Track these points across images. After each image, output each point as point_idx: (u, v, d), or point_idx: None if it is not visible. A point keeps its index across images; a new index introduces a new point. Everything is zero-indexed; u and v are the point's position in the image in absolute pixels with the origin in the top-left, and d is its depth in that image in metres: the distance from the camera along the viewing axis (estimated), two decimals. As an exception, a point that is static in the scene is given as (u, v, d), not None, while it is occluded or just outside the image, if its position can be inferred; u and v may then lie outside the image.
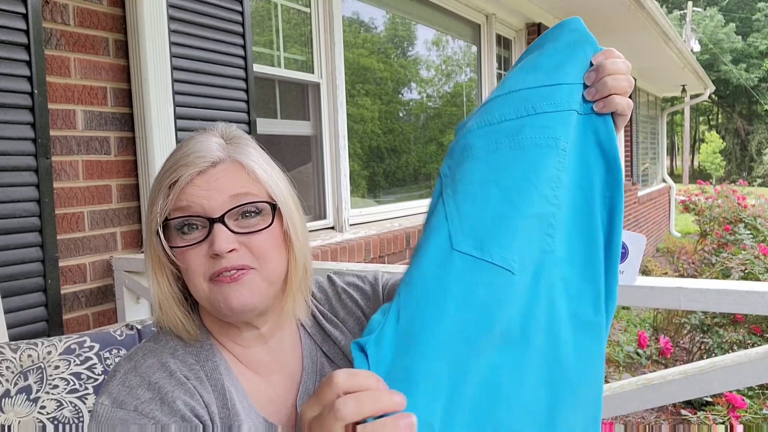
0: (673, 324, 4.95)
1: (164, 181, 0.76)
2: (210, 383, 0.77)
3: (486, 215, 0.61)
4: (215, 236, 0.73)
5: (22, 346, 1.12)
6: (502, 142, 0.64)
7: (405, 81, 3.83)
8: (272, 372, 0.84)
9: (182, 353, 0.78)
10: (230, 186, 0.76)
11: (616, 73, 0.67)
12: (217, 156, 0.77)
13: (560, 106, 0.64)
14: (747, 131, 36.54)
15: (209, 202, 0.74)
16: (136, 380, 0.73)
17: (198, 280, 0.75)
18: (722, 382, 1.21)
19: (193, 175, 0.75)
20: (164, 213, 0.75)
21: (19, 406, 1.07)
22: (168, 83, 1.89)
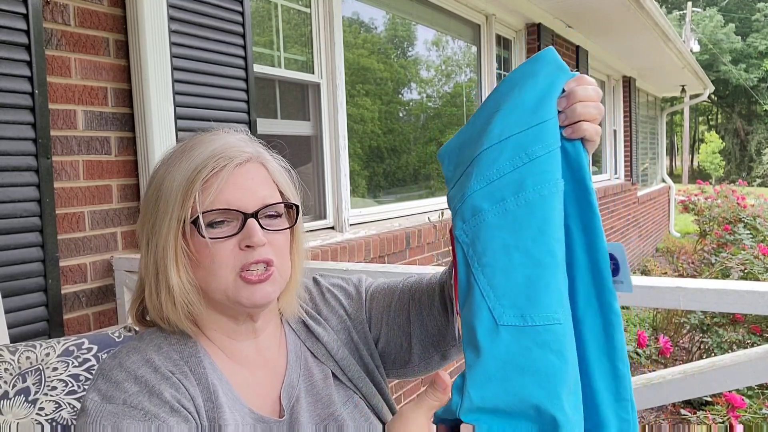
0: (672, 324, 4.95)
1: (201, 172, 0.78)
2: (195, 377, 0.78)
3: (518, 282, 0.64)
4: (251, 230, 0.78)
5: (21, 348, 1.12)
6: (509, 202, 0.66)
7: (405, 81, 3.83)
8: (258, 367, 0.87)
9: (166, 350, 0.80)
10: (262, 186, 0.82)
11: (586, 100, 0.69)
12: (249, 153, 0.83)
13: (551, 145, 0.67)
14: (746, 131, 36.55)
15: (246, 199, 0.79)
16: (122, 375, 0.74)
17: (225, 271, 0.78)
18: (722, 381, 1.22)
19: (235, 166, 0.79)
20: (204, 205, 0.77)
21: (18, 407, 1.07)
22: (168, 83, 1.89)
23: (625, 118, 8.48)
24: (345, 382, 0.92)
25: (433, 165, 3.98)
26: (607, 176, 7.85)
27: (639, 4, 5.05)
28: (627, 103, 8.45)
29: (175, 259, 0.78)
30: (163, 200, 0.79)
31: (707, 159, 32.80)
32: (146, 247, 0.81)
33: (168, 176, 0.80)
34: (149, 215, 0.81)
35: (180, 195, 0.78)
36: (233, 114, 2.12)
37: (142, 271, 0.83)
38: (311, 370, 0.91)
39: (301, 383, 0.89)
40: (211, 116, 2.04)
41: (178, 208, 0.77)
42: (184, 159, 0.80)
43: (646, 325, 5.56)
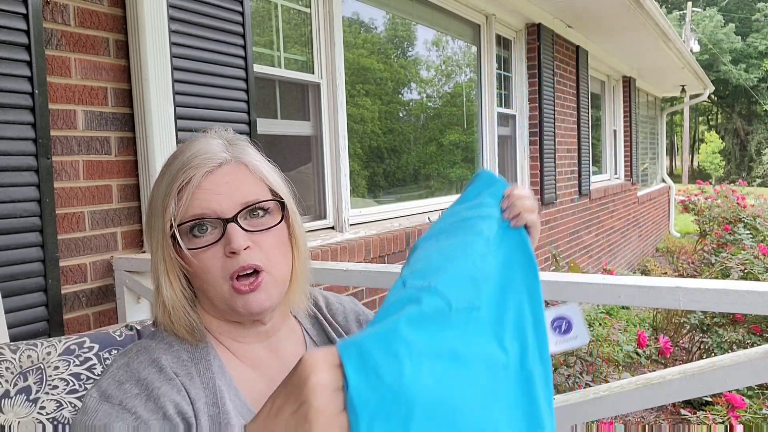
0: (672, 324, 4.95)
1: (174, 184, 0.78)
2: (201, 380, 0.78)
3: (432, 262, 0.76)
4: (231, 235, 0.77)
5: (22, 346, 1.12)
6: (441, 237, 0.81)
7: (405, 81, 3.83)
8: (272, 369, 0.86)
9: (177, 348, 0.80)
10: (238, 187, 0.79)
11: (522, 198, 0.86)
12: (223, 156, 0.80)
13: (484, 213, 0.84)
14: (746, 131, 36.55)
15: (220, 204, 0.78)
16: (126, 375, 0.75)
17: (216, 280, 0.78)
18: (721, 381, 1.21)
19: (203, 175, 0.78)
20: (178, 216, 0.77)
21: (19, 406, 1.07)
22: (168, 83, 1.89)
23: (625, 118, 8.48)
24: None
25: (433, 165, 3.98)
26: (607, 176, 7.85)
27: (639, 4, 5.05)
28: (627, 103, 8.45)
29: (166, 272, 0.79)
30: (150, 212, 0.81)
31: (707, 159, 32.80)
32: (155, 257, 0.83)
33: (154, 188, 0.82)
34: (146, 226, 0.84)
35: (159, 207, 0.79)
36: (233, 114, 2.12)
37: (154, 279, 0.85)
38: None
39: None
40: (211, 116, 2.04)
41: (160, 220, 0.79)
42: (166, 170, 0.81)
43: (646, 325, 5.56)
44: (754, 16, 35.07)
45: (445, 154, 4.11)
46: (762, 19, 34.58)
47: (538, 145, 4.98)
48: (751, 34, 34.35)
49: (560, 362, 3.26)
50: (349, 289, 2.74)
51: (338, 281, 1.69)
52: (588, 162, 6.25)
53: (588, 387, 2.70)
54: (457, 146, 4.26)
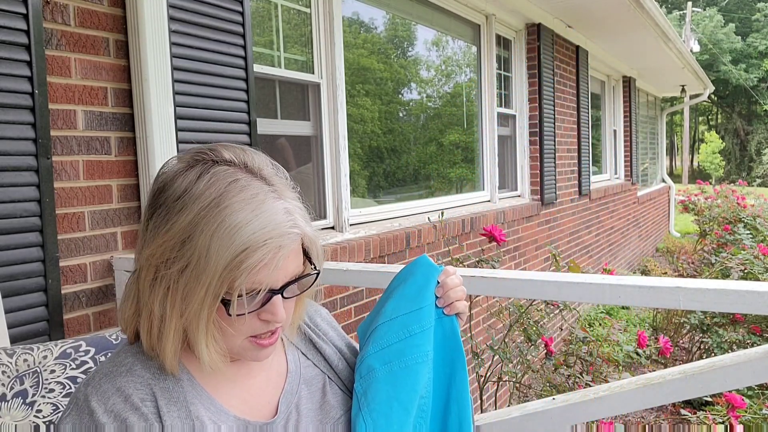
0: (672, 324, 4.95)
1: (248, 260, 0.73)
2: (170, 396, 0.78)
3: (392, 424, 0.89)
4: (276, 307, 0.78)
5: (18, 350, 1.12)
6: (394, 363, 0.93)
7: (405, 81, 3.83)
8: (249, 378, 0.88)
9: (140, 368, 0.80)
10: (294, 262, 0.80)
11: (453, 287, 0.97)
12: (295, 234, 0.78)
13: (425, 325, 0.95)
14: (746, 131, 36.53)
15: (277, 278, 0.78)
16: (93, 405, 0.75)
17: (237, 337, 0.79)
18: (722, 381, 1.22)
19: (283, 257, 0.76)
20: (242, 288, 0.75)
21: (16, 410, 1.07)
22: (168, 83, 1.89)
23: (625, 118, 8.48)
24: (345, 391, 0.95)
25: (433, 165, 3.98)
26: (607, 176, 7.85)
27: (639, 4, 5.05)
28: (627, 103, 8.45)
29: (206, 331, 0.77)
30: (194, 262, 0.74)
31: (707, 159, 32.79)
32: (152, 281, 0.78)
33: (201, 233, 0.74)
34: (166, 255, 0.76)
35: (220, 274, 0.73)
36: (233, 114, 2.12)
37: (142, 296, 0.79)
38: (311, 378, 0.93)
39: (302, 389, 0.91)
40: (211, 116, 2.04)
41: (217, 285, 0.74)
42: (224, 224, 0.74)
43: (646, 325, 5.56)
44: (754, 16, 35.06)
45: (445, 154, 4.11)
46: (762, 19, 34.57)
47: (538, 145, 4.98)
48: (751, 34, 34.34)
49: (560, 362, 3.26)
50: (349, 289, 2.75)
51: (338, 281, 1.69)
52: (588, 162, 6.25)
53: (588, 387, 2.70)
54: (457, 146, 4.26)
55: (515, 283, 1.36)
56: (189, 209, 0.75)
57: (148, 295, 0.78)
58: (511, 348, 3.29)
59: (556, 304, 3.35)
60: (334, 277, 1.67)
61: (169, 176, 0.79)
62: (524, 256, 4.75)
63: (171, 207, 0.76)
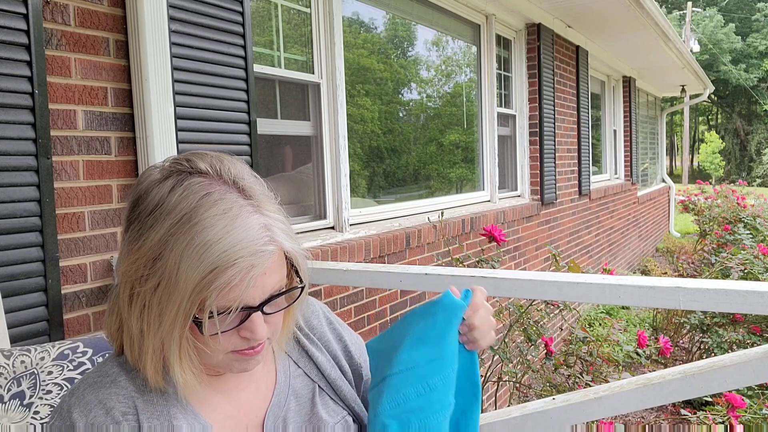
0: (672, 324, 4.95)
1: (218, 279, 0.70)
2: (153, 410, 0.78)
3: None
4: (255, 324, 0.75)
5: (16, 352, 1.12)
6: (413, 422, 0.84)
7: (405, 81, 3.83)
8: (238, 390, 0.86)
9: (124, 380, 0.79)
10: (273, 277, 0.75)
11: (479, 326, 0.88)
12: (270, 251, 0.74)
13: (447, 375, 0.86)
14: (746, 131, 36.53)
15: (253, 296, 0.74)
16: (75, 415, 0.75)
17: (217, 354, 0.77)
18: (722, 381, 1.22)
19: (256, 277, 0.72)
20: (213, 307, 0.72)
21: (13, 411, 1.07)
22: (168, 83, 1.89)
23: (625, 118, 8.48)
24: (336, 400, 0.93)
25: (433, 165, 3.98)
26: (607, 176, 7.85)
27: (639, 4, 5.05)
28: (627, 103, 8.45)
29: (179, 350, 0.74)
30: (165, 280, 0.72)
31: (707, 159, 32.79)
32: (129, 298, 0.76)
33: (171, 250, 0.71)
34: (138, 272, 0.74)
35: (189, 294, 0.71)
36: (233, 114, 2.12)
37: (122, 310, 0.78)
38: (301, 389, 0.91)
39: (290, 401, 0.88)
40: (211, 116, 2.04)
41: (187, 305, 0.71)
42: (194, 242, 0.71)
43: (646, 325, 5.56)
44: (754, 16, 35.06)
45: (445, 154, 4.11)
46: (762, 19, 34.57)
47: (538, 145, 4.98)
48: (751, 34, 34.34)
49: (560, 362, 3.26)
50: (349, 289, 2.75)
51: (338, 281, 1.69)
52: (588, 162, 6.25)
53: (588, 387, 2.70)
54: (457, 146, 4.26)
55: (515, 283, 1.36)
56: (160, 225, 0.72)
57: (127, 311, 0.77)
58: (511, 348, 3.29)
59: (556, 304, 3.35)
60: (334, 277, 1.67)
61: (143, 188, 0.77)
62: (524, 256, 4.75)
63: (144, 222, 0.74)
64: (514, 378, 3.35)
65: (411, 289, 1.63)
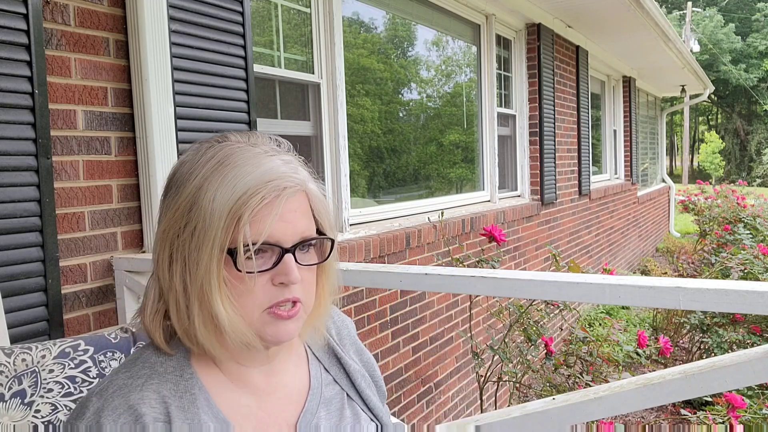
0: (672, 324, 4.95)
1: (248, 202, 0.73)
2: (184, 416, 0.76)
3: None
4: (288, 267, 0.75)
5: (16, 350, 1.12)
6: None
7: (405, 81, 3.83)
8: (267, 393, 0.84)
9: (157, 382, 0.77)
10: (302, 217, 0.77)
11: None
12: (298, 181, 0.78)
13: None
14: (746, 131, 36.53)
15: (285, 233, 0.75)
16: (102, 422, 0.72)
17: (252, 306, 0.75)
18: (722, 381, 1.22)
19: (285, 201, 0.75)
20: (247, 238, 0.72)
21: (14, 410, 1.06)
22: (168, 83, 1.90)
23: (625, 118, 8.48)
24: (366, 411, 0.92)
25: (433, 165, 3.98)
26: (607, 176, 7.85)
27: (639, 4, 5.05)
28: (627, 103, 8.45)
29: (219, 289, 0.74)
30: (200, 219, 0.73)
31: (707, 159, 32.80)
32: (169, 261, 0.77)
33: (206, 191, 0.74)
34: (176, 227, 0.76)
35: (224, 222, 0.72)
36: (233, 114, 2.12)
37: (162, 283, 0.78)
38: (331, 397, 0.90)
39: (321, 411, 0.87)
40: (211, 116, 2.04)
41: (222, 236, 0.72)
42: (227, 177, 0.74)
43: (646, 325, 5.56)
44: (754, 16, 35.06)
45: (445, 154, 4.11)
46: (762, 19, 34.57)
47: (538, 145, 4.98)
48: (751, 34, 34.34)
49: (560, 362, 3.26)
50: (349, 289, 2.75)
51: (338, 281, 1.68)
52: (588, 162, 6.25)
53: (588, 387, 2.70)
54: (457, 146, 4.26)
55: (515, 283, 1.36)
56: (195, 176, 0.76)
57: (169, 278, 0.77)
58: (511, 348, 3.29)
59: (556, 304, 3.35)
60: (334, 277, 1.67)
61: (180, 161, 0.81)
62: (524, 256, 4.75)
63: (180, 182, 0.78)
64: (514, 378, 3.35)
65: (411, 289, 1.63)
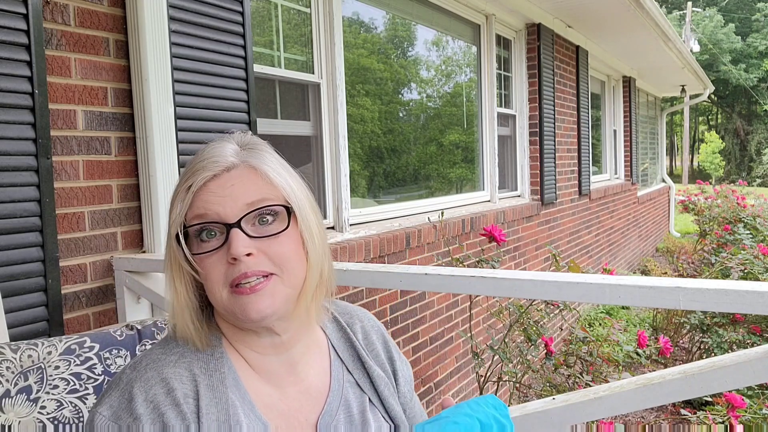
0: (672, 324, 4.95)
1: (181, 187, 0.79)
2: (213, 395, 0.76)
3: None
4: (232, 241, 0.75)
5: (23, 346, 1.12)
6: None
7: (405, 81, 3.83)
8: (288, 384, 0.84)
9: (189, 360, 0.79)
10: (245, 191, 0.77)
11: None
12: (231, 161, 0.79)
13: None
14: (746, 131, 36.54)
15: (224, 208, 0.76)
16: (135, 391, 0.74)
17: (217, 287, 0.77)
18: (721, 381, 1.22)
19: (207, 179, 0.78)
20: (182, 218, 0.78)
21: (20, 406, 1.07)
22: (168, 83, 1.89)
23: (625, 118, 8.48)
24: (384, 416, 0.91)
25: (433, 165, 3.98)
26: (607, 176, 7.85)
27: (639, 4, 5.05)
28: (627, 103, 8.45)
29: (172, 277, 0.80)
30: (168, 213, 0.83)
31: (707, 159, 32.80)
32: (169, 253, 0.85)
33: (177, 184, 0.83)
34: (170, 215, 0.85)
35: (170, 207, 0.81)
36: (233, 114, 2.12)
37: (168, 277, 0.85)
38: (352, 400, 0.89)
39: (341, 413, 0.87)
40: (211, 116, 2.04)
41: (169, 223, 0.81)
42: (182, 173, 0.83)
43: (646, 325, 5.56)
44: (754, 16, 35.07)
45: (445, 154, 4.11)
46: (762, 19, 34.58)
47: (538, 145, 4.98)
48: (751, 34, 34.35)
49: (560, 362, 3.26)
50: (349, 289, 2.75)
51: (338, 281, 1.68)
52: (588, 162, 6.25)
53: (588, 387, 2.70)
54: (457, 146, 4.26)
55: (515, 283, 1.36)
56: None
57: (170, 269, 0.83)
58: (511, 348, 3.29)
59: (556, 304, 3.35)
60: (334, 277, 1.67)
61: None
62: (524, 256, 4.75)
63: None
64: (514, 378, 3.35)
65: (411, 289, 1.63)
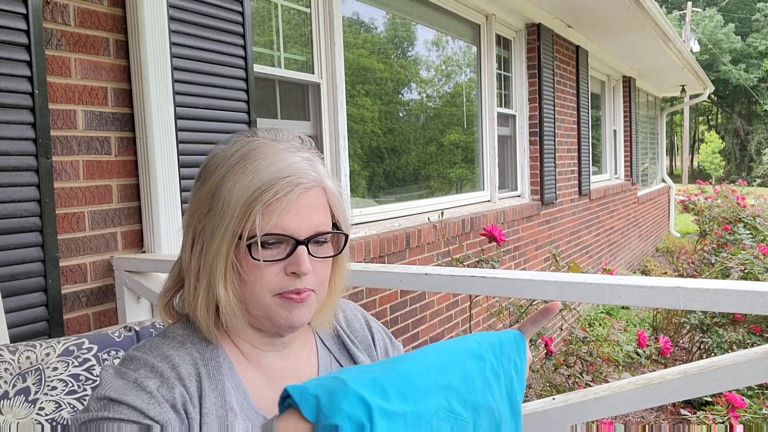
0: (672, 324, 4.95)
1: (264, 195, 0.77)
2: (210, 381, 0.79)
3: None
4: (300, 257, 0.78)
5: (21, 347, 1.12)
6: None
7: (405, 81, 3.83)
8: (283, 378, 0.87)
9: (189, 347, 0.81)
10: (317, 211, 0.81)
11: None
12: (313, 178, 0.81)
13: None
14: (746, 131, 36.54)
15: (300, 226, 0.79)
16: (140, 362, 0.77)
17: (265, 292, 0.79)
18: (721, 381, 1.21)
19: (298, 196, 0.78)
20: (262, 228, 0.77)
21: (18, 407, 1.07)
22: (168, 83, 1.89)
23: (625, 118, 8.48)
24: None
25: (433, 165, 3.98)
26: (607, 176, 7.85)
27: (639, 4, 5.05)
28: (627, 103, 8.45)
29: (224, 272, 0.79)
30: (219, 207, 0.79)
31: (707, 159, 32.80)
32: (191, 243, 0.82)
33: (227, 182, 0.79)
34: (200, 212, 0.81)
35: (239, 211, 0.77)
36: (233, 114, 2.12)
37: (183, 263, 0.83)
38: None
39: None
40: (211, 116, 2.04)
41: (236, 223, 0.77)
42: (246, 170, 0.79)
43: (646, 325, 5.56)
44: (754, 16, 35.07)
45: (445, 154, 4.11)
46: (762, 19, 34.58)
47: (538, 145, 4.98)
48: (751, 34, 34.35)
49: (560, 362, 3.26)
50: (349, 289, 2.74)
51: (338, 281, 1.68)
52: (588, 162, 6.25)
53: (588, 387, 2.70)
54: (457, 146, 4.26)
55: (515, 283, 1.36)
56: (221, 166, 0.81)
57: (189, 258, 0.82)
58: (511, 348, 3.28)
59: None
60: (334, 277, 1.67)
61: (213, 152, 0.85)
62: (524, 256, 4.75)
63: (209, 171, 0.82)
64: (514, 378, 3.34)
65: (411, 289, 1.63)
